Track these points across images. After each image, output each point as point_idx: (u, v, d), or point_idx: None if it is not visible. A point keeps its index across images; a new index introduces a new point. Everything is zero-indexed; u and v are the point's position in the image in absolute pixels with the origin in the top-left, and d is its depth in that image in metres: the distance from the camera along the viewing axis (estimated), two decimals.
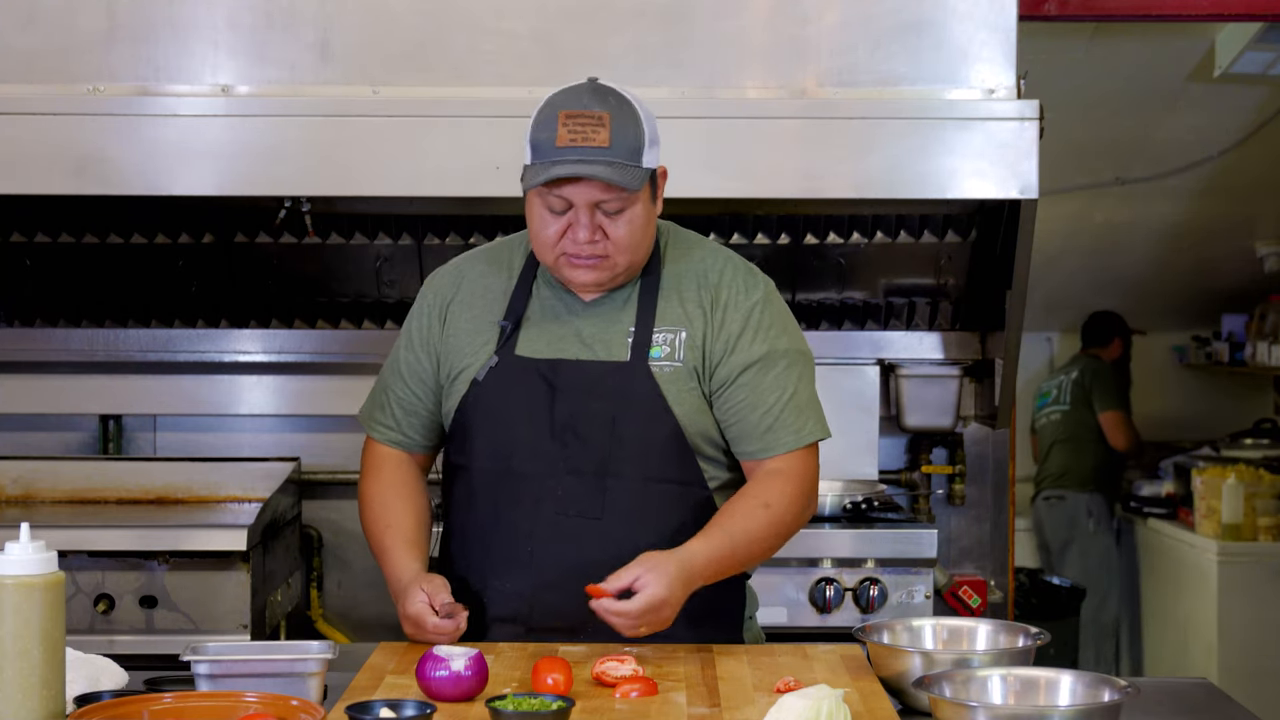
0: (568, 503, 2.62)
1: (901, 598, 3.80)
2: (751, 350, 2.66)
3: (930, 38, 3.59)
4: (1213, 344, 7.87)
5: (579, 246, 2.58)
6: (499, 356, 2.66)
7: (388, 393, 2.78)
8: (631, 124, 2.58)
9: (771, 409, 2.66)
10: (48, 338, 4.13)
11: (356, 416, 2.86)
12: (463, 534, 2.72)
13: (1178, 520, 7.20)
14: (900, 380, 4.20)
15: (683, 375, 2.64)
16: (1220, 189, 6.79)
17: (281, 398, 4.23)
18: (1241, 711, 2.43)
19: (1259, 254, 7.38)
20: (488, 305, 2.71)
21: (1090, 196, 6.91)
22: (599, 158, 2.54)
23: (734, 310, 2.67)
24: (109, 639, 3.41)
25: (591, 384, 2.63)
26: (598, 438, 2.62)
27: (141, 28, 3.58)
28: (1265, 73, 5.64)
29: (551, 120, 2.57)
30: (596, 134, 2.55)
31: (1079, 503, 7.47)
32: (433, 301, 2.75)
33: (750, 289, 2.70)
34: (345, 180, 3.58)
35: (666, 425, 2.63)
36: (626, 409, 2.62)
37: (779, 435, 2.66)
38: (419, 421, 2.77)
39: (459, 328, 2.71)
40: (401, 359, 2.77)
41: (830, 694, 2.03)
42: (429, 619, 2.53)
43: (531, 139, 2.59)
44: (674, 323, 2.67)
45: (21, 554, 2.04)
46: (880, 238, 4.12)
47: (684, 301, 2.68)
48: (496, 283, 2.73)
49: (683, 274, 2.71)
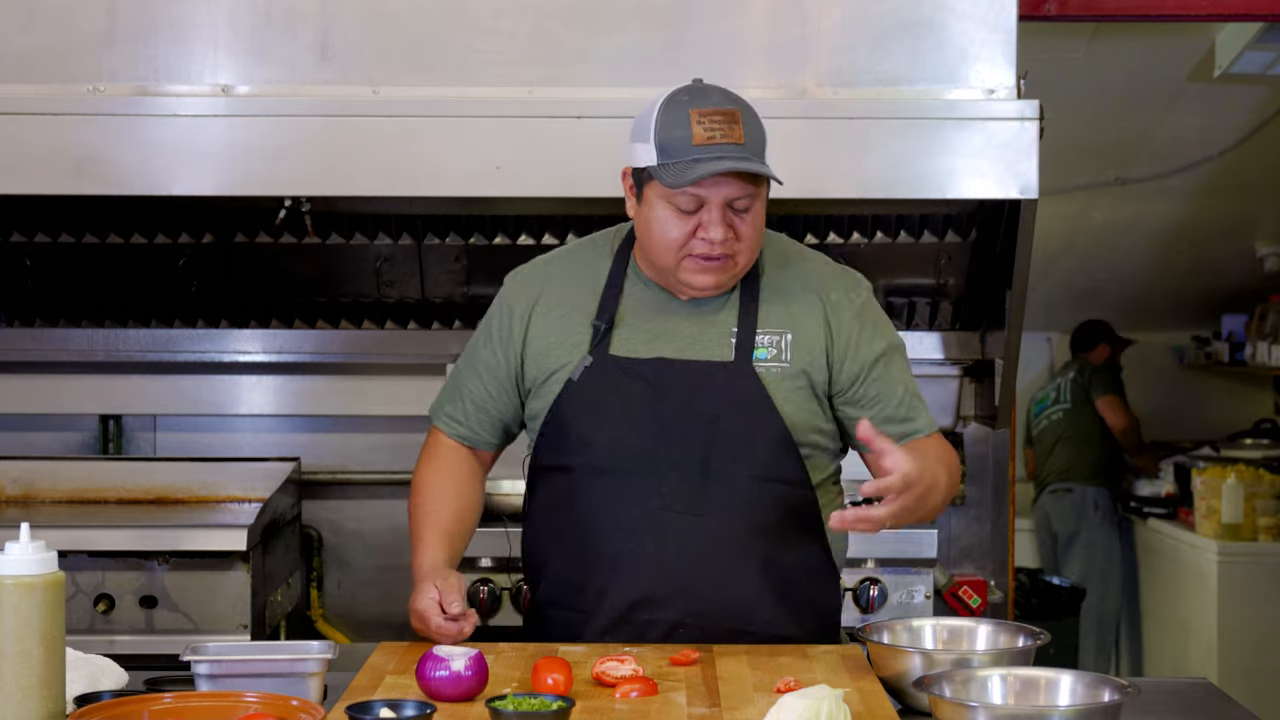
0: (672, 499, 2.63)
1: (901, 598, 3.80)
2: (874, 346, 2.72)
3: (930, 38, 3.59)
4: (1213, 344, 7.87)
5: (712, 247, 2.58)
6: (594, 356, 2.66)
7: (461, 388, 2.79)
8: (755, 119, 2.61)
9: (903, 400, 2.72)
10: (48, 338, 4.12)
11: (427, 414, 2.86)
12: (557, 534, 2.71)
13: (1178, 520, 7.21)
14: None
15: (790, 375, 2.67)
16: (1220, 189, 6.79)
17: (281, 398, 4.22)
18: (1241, 711, 2.43)
19: (1259, 254, 7.38)
20: (576, 305, 2.71)
21: (1090, 196, 6.92)
22: (740, 154, 2.55)
23: (848, 310, 2.72)
24: (109, 639, 3.41)
25: (695, 383, 2.64)
26: (701, 437, 2.63)
27: (141, 28, 3.58)
28: (1265, 73, 5.64)
29: (683, 119, 2.55)
30: (733, 130, 2.56)
31: (1086, 494, 7.52)
32: (514, 301, 2.76)
33: (856, 289, 2.76)
34: (345, 180, 3.58)
35: (773, 425, 2.64)
36: (731, 408, 2.64)
37: (915, 423, 2.72)
38: (488, 419, 2.78)
39: (548, 328, 2.71)
40: (480, 356, 2.77)
41: (830, 694, 2.03)
42: (434, 618, 2.53)
43: (659, 139, 2.56)
44: (779, 325, 2.69)
45: (21, 554, 2.04)
46: (880, 238, 4.12)
47: (789, 303, 2.70)
48: (584, 282, 2.73)
49: (785, 277, 2.73)
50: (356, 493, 4.23)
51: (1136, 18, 4.36)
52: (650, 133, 2.58)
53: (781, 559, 2.67)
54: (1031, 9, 4.12)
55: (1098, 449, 7.59)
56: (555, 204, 3.73)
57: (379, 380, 4.15)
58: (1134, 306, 7.84)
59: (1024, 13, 3.66)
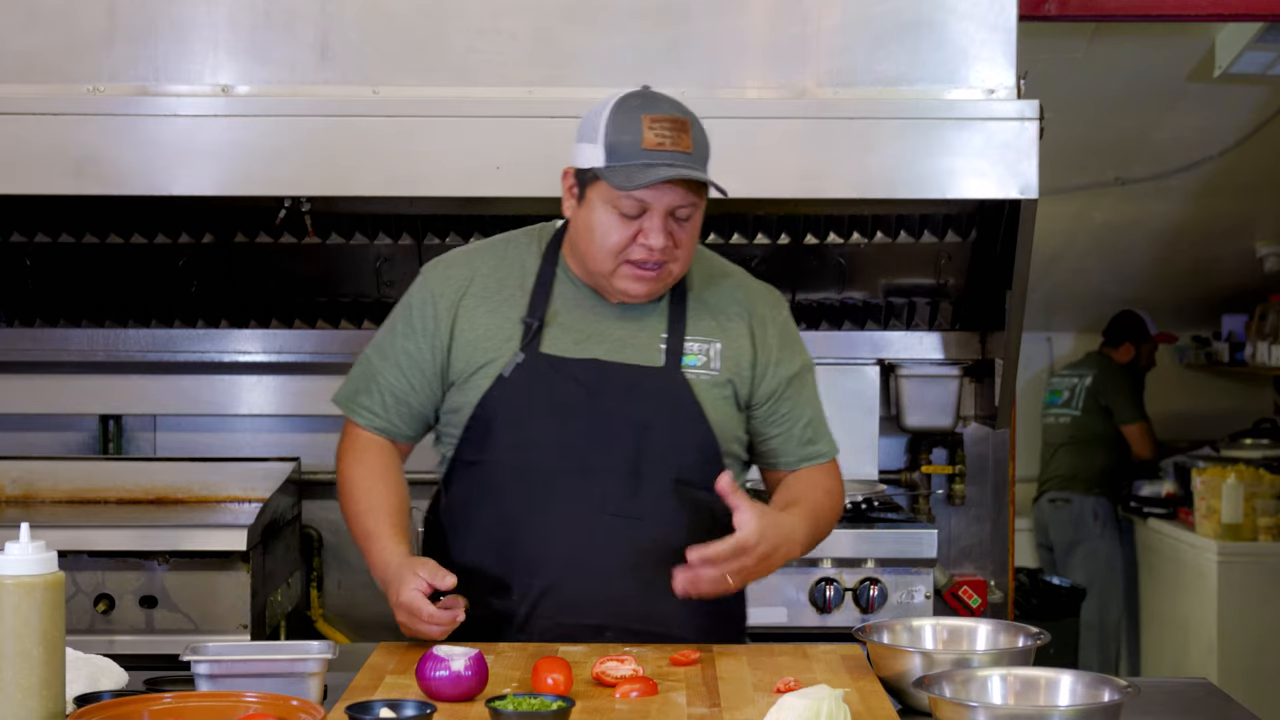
0: (605, 501, 2.63)
1: (901, 598, 3.80)
2: (791, 364, 2.76)
3: (930, 38, 3.59)
4: (1213, 344, 7.87)
5: (650, 254, 2.58)
6: (525, 354, 2.65)
7: (376, 379, 2.75)
8: (702, 132, 2.62)
9: (811, 421, 2.78)
10: (48, 338, 4.12)
11: (333, 399, 2.82)
12: (480, 530, 2.69)
13: (1178, 520, 7.20)
14: (900, 380, 4.20)
15: (718, 384, 2.69)
16: (1220, 189, 6.79)
17: (281, 398, 4.22)
18: (1241, 711, 2.43)
19: (1259, 254, 7.37)
20: (505, 300, 2.70)
21: (1090, 196, 6.91)
22: (687, 163, 2.55)
23: (771, 326, 2.76)
24: (109, 639, 3.41)
25: (626, 386, 2.65)
26: (632, 440, 2.64)
27: (141, 28, 3.58)
28: (1265, 73, 5.64)
29: (634, 123, 2.56)
30: (681, 139, 2.56)
31: (1085, 505, 7.46)
32: (440, 293, 2.72)
33: (779, 306, 2.80)
34: (345, 180, 3.58)
35: (701, 432, 2.67)
36: (661, 413, 2.65)
37: (818, 446, 2.79)
38: (408, 411, 2.75)
39: (477, 322, 2.69)
40: (399, 347, 2.73)
41: (830, 694, 2.03)
42: (424, 607, 2.49)
43: (608, 141, 2.57)
44: (707, 334, 2.71)
45: (21, 554, 2.04)
46: (880, 238, 4.12)
47: (716, 315, 2.72)
48: (511, 278, 2.72)
49: (710, 286, 2.75)
50: None
51: (1136, 18, 4.36)
52: (600, 134, 2.58)
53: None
54: (1031, 9, 4.12)
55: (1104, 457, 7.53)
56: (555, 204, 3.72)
57: None
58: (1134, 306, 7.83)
59: (1024, 13, 3.66)
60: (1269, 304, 7.42)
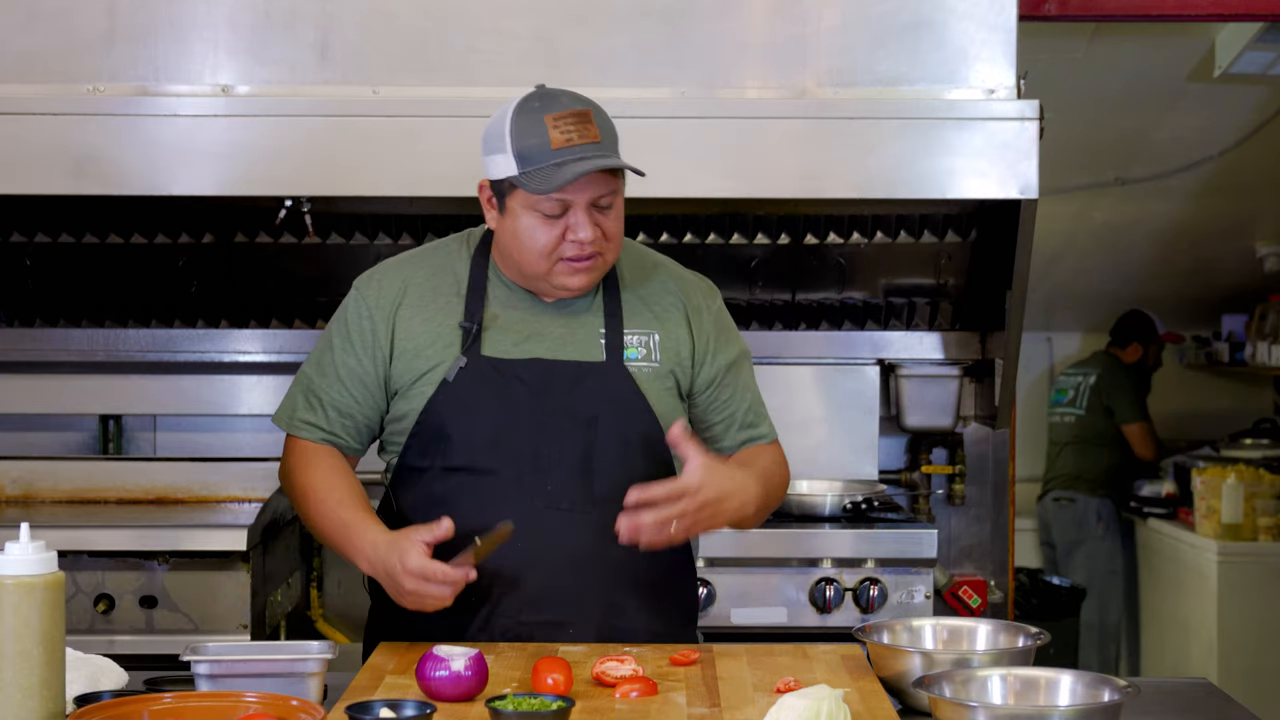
0: (559, 497, 2.64)
1: (901, 598, 3.80)
2: (729, 352, 2.79)
3: (930, 38, 3.59)
4: (1213, 344, 7.87)
5: (581, 247, 2.59)
6: (467, 357, 2.66)
7: (316, 395, 2.74)
8: (606, 117, 2.64)
9: (752, 405, 2.82)
10: (48, 338, 4.12)
11: (272, 420, 2.81)
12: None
13: (1178, 520, 7.20)
14: (900, 380, 4.20)
15: (660, 375, 2.71)
16: (1220, 189, 6.79)
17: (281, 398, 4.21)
18: (1241, 711, 2.43)
19: (1259, 254, 7.37)
20: (441, 307, 2.70)
21: (1090, 196, 6.91)
22: (599, 152, 2.57)
23: (706, 315, 2.78)
24: (109, 639, 3.41)
25: (570, 383, 2.66)
26: (580, 435, 2.65)
27: (141, 28, 3.58)
28: (1265, 73, 5.64)
29: (538, 125, 2.57)
30: (588, 130, 2.58)
31: (1089, 506, 7.46)
32: (375, 304, 2.72)
33: (712, 293, 2.83)
34: (345, 180, 3.58)
35: (647, 424, 2.68)
36: (608, 407, 2.67)
37: (760, 429, 2.83)
38: (352, 425, 2.74)
39: (414, 330, 2.69)
40: (337, 361, 2.72)
41: (830, 694, 2.03)
42: (436, 566, 2.46)
43: (516, 148, 2.57)
44: (645, 326, 2.73)
45: (21, 554, 2.04)
46: (880, 238, 4.12)
47: (651, 306, 2.75)
48: (445, 284, 2.72)
49: (642, 278, 2.77)
50: None
51: (1136, 18, 4.36)
52: (506, 142, 2.58)
53: (653, 556, 2.64)
54: (1031, 9, 4.12)
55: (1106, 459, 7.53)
56: None
57: None
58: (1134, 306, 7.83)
59: (1024, 13, 3.66)
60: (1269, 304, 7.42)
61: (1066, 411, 7.60)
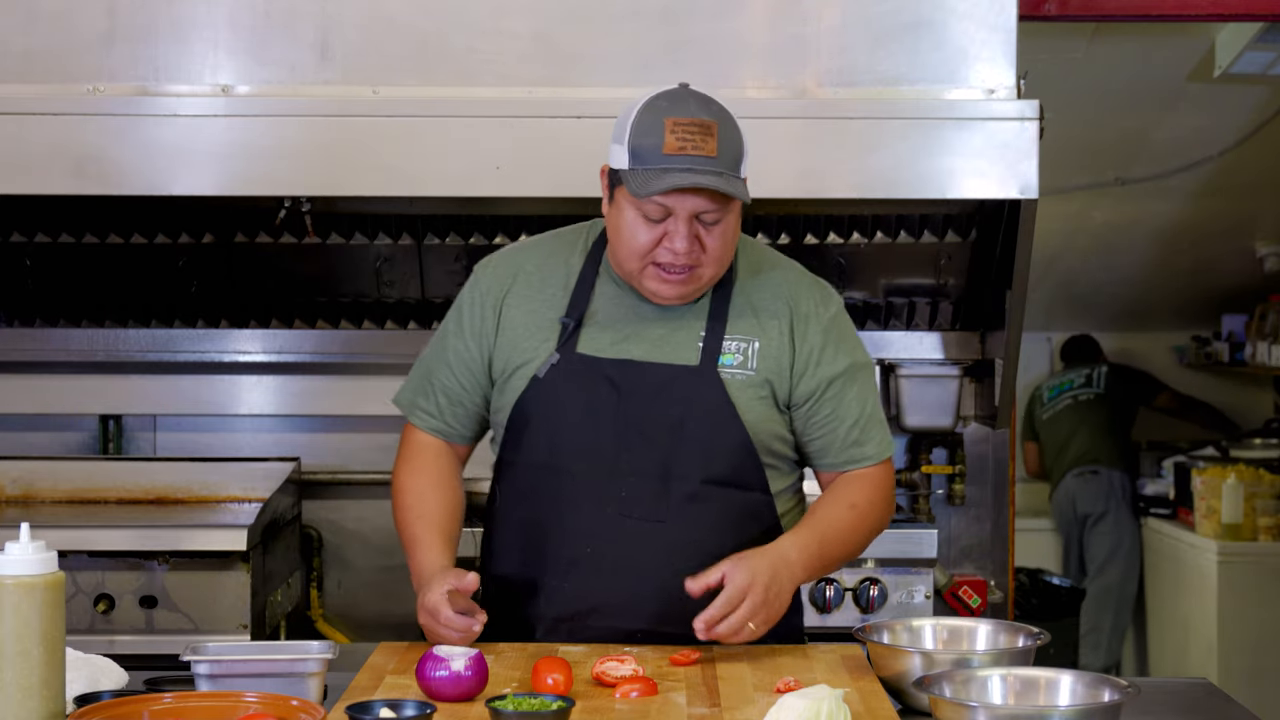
0: (631, 505, 2.61)
1: (901, 598, 3.80)
2: (836, 364, 2.70)
3: (930, 38, 3.59)
4: (1213, 344, 7.87)
5: (676, 257, 2.55)
6: (560, 354, 2.64)
7: (432, 380, 2.76)
8: (734, 133, 2.58)
9: (858, 422, 2.71)
10: (48, 338, 4.12)
11: (393, 401, 2.83)
12: (514, 531, 2.69)
13: (1178, 520, 7.21)
14: (900, 380, 4.20)
15: (755, 384, 2.65)
16: (1220, 189, 6.79)
17: (281, 398, 4.22)
18: (1241, 711, 2.44)
19: (1259, 254, 7.38)
20: (546, 300, 2.69)
21: (1090, 196, 6.91)
22: (709, 168, 2.51)
23: (815, 323, 2.70)
24: (109, 639, 3.41)
25: (659, 386, 2.62)
26: (663, 440, 2.62)
27: (141, 28, 3.58)
28: (1265, 73, 5.64)
29: (657, 126, 2.53)
30: (706, 143, 2.52)
31: (1113, 477, 7.57)
32: (486, 291, 2.72)
33: (827, 302, 2.74)
34: (345, 180, 3.58)
35: (734, 432, 2.63)
36: (694, 413, 2.62)
37: (865, 449, 2.72)
38: (463, 411, 2.75)
39: (515, 321, 2.69)
40: (450, 346, 2.74)
41: (830, 694, 2.03)
42: (444, 610, 2.49)
43: (632, 144, 2.54)
44: (747, 332, 2.67)
45: (21, 554, 2.04)
46: (880, 238, 4.12)
47: (758, 312, 2.68)
48: (555, 277, 2.71)
49: (756, 285, 2.71)
50: (356, 493, 4.23)
51: (1136, 18, 4.36)
52: (625, 135, 2.55)
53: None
54: (1031, 9, 4.12)
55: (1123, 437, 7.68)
56: (555, 204, 3.73)
57: (379, 380, 4.14)
58: (1134, 306, 7.84)
59: (1024, 13, 3.66)
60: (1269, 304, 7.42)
61: (1082, 392, 7.67)
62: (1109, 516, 7.55)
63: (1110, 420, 7.65)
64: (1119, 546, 7.50)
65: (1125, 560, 7.52)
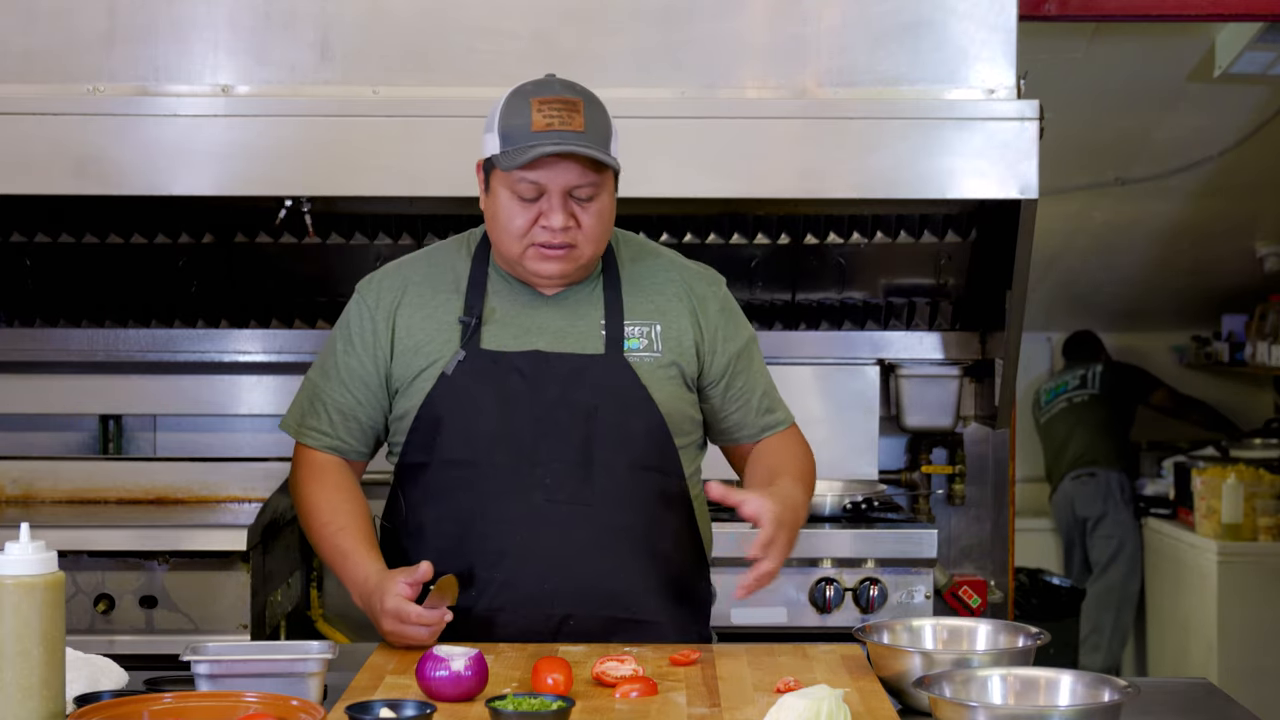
0: (556, 490, 2.64)
1: (901, 598, 3.80)
2: (738, 339, 2.79)
3: (930, 38, 3.59)
4: (1213, 344, 7.87)
5: (552, 234, 2.60)
6: (466, 350, 2.67)
7: (321, 399, 2.76)
8: (600, 113, 2.63)
9: (766, 392, 2.83)
10: (48, 338, 4.12)
11: (279, 427, 2.82)
12: (432, 530, 2.69)
13: (1178, 520, 7.21)
14: (900, 380, 4.20)
15: (663, 365, 2.71)
16: (1220, 189, 6.79)
17: (282, 398, 4.22)
18: (1241, 711, 2.43)
19: (1259, 254, 7.38)
20: (441, 304, 2.71)
21: (1090, 196, 6.91)
22: (577, 141, 2.57)
23: (712, 302, 2.77)
24: (109, 639, 3.41)
25: (569, 376, 2.66)
26: (580, 427, 2.65)
27: (141, 28, 3.58)
28: (1265, 73, 5.64)
29: (524, 107, 2.59)
30: (572, 119, 2.58)
31: (1110, 478, 7.55)
32: (375, 305, 2.74)
33: (714, 281, 2.82)
34: (345, 180, 3.58)
35: (649, 414, 2.68)
36: (607, 399, 2.66)
37: (777, 414, 2.84)
38: (357, 427, 2.75)
39: (414, 327, 2.71)
40: (339, 364, 2.74)
41: (830, 694, 2.03)
42: (410, 609, 2.50)
43: (501, 128, 2.60)
44: (647, 316, 2.72)
45: (21, 554, 2.04)
46: (880, 238, 4.12)
47: (652, 297, 2.74)
48: (445, 282, 2.74)
49: (644, 270, 2.77)
50: None
51: (1136, 18, 4.36)
52: (495, 123, 2.61)
53: (662, 549, 2.69)
54: (1031, 9, 4.12)
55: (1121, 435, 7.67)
56: None
57: None
58: (1134, 306, 7.83)
59: (1024, 13, 3.66)
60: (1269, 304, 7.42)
61: (1076, 394, 7.65)
62: (1108, 519, 7.54)
63: (1107, 420, 7.64)
64: (1120, 549, 7.49)
65: (1127, 561, 7.51)
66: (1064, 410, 7.68)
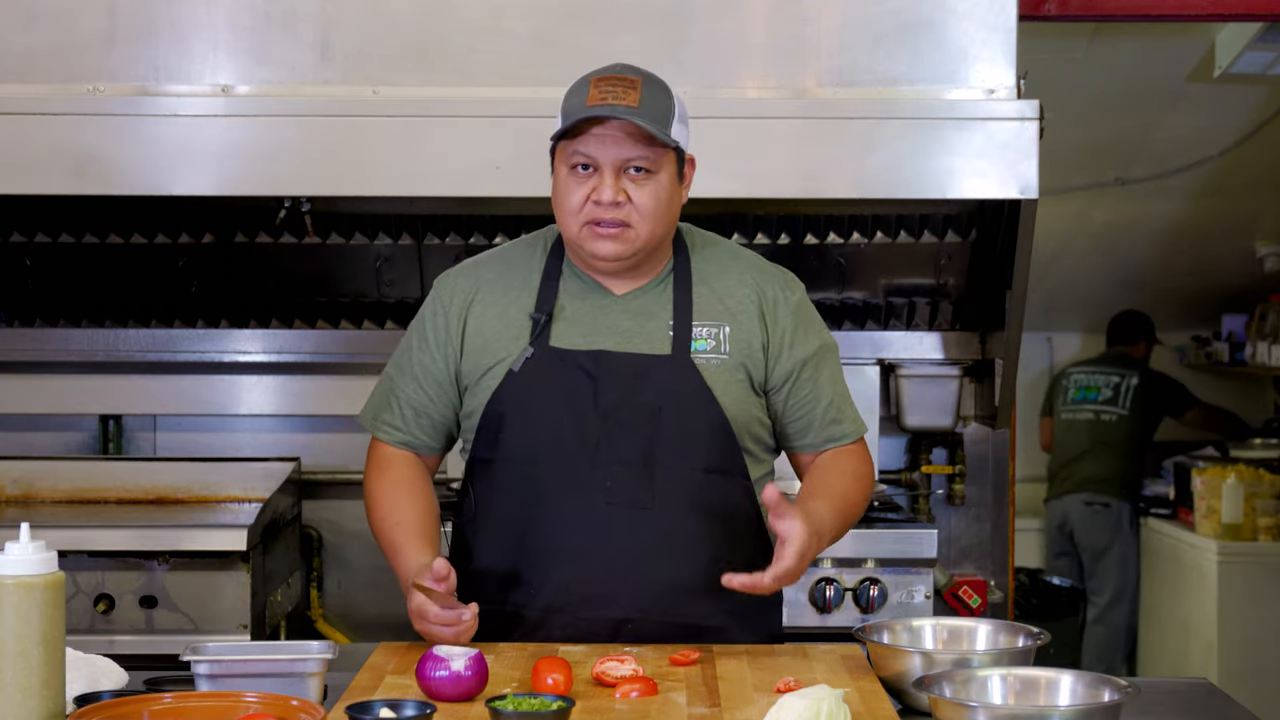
0: (616, 493, 2.62)
1: (901, 598, 3.80)
2: (807, 345, 2.74)
3: (930, 38, 3.59)
4: (1213, 344, 7.87)
5: (603, 209, 2.58)
6: (534, 347, 2.66)
7: (395, 394, 2.77)
8: (662, 94, 2.61)
9: (834, 402, 2.76)
10: (48, 338, 4.13)
11: (357, 420, 2.84)
12: (495, 527, 2.69)
13: (1178, 520, 7.20)
14: (900, 380, 4.20)
15: (729, 367, 2.67)
16: (1220, 189, 6.79)
17: (281, 398, 4.23)
18: (1241, 711, 2.43)
19: (1259, 254, 7.37)
20: (513, 301, 2.71)
21: (1090, 196, 6.91)
22: (627, 113, 2.55)
23: (784, 307, 2.73)
24: (109, 639, 3.41)
25: (635, 375, 2.64)
26: (643, 428, 2.63)
27: (141, 28, 3.58)
28: (1265, 73, 5.64)
29: (583, 86, 2.60)
30: (627, 94, 2.57)
31: (1123, 511, 7.39)
32: (449, 302, 2.74)
33: (791, 285, 2.77)
34: (345, 180, 3.58)
35: (713, 416, 2.65)
36: (672, 401, 2.64)
37: (843, 426, 2.77)
38: (429, 423, 2.76)
39: (485, 325, 2.70)
40: (414, 360, 2.75)
41: (830, 694, 2.03)
42: (429, 609, 2.49)
43: (564, 107, 2.60)
44: (716, 318, 2.69)
45: (21, 554, 2.04)
46: (880, 238, 4.12)
47: (723, 297, 2.71)
48: (518, 279, 2.73)
49: (717, 270, 2.74)
50: (356, 493, 4.19)
51: (1136, 18, 4.36)
52: (560, 104, 2.62)
53: (726, 553, 2.66)
54: (1031, 9, 4.12)
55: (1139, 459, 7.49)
56: None
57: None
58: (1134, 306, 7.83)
59: (1024, 13, 3.66)
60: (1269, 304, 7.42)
61: (1105, 410, 7.41)
62: (1113, 552, 7.39)
63: (1130, 444, 7.39)
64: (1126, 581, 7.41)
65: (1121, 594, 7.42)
66: (1088, 423, 7.45)
